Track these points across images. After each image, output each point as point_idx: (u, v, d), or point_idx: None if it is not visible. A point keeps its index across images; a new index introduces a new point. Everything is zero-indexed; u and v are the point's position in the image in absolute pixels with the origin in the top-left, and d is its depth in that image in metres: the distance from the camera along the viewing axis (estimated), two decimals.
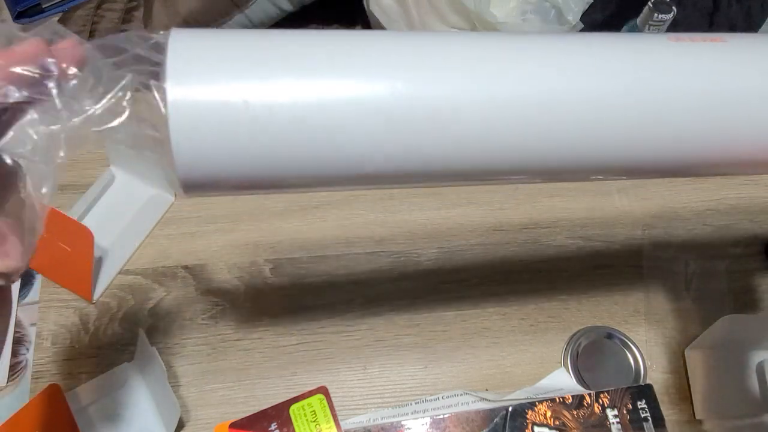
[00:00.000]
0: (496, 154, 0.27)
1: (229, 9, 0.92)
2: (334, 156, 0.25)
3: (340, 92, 0.25)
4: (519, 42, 0.28)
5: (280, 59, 0.25)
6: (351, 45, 0.26)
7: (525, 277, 0.56)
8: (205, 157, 0.24)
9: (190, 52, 0.24)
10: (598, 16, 0.89)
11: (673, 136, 0.28)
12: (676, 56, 0.29)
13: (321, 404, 0.39)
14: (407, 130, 0.25)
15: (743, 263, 0.58)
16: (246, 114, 0.24)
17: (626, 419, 0.45)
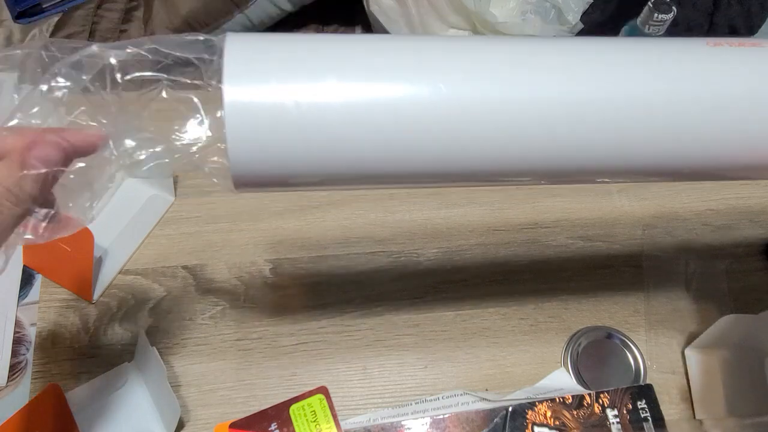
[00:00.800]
0: (538, 153, 0.28)
1: (230, 8, 0.92)
2: (374, 155, 0.27)
3: (383, 94, 0.26)
4: (558, 46, 0.29)
5: (327, 62, 0.26)
6: (393, 49, 0.28)
7: (525, 277, 0.56)
8: (258, 156, 0.26)
9: (245, 55, 0.26)
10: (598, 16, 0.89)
11: (711, 139, 0.29)
12: (717, 60, 0.29)
13: (321, 404, 0.39)
14: (448, 131, 0.27)
15: (743, 263, 0.58)
16: (297, 114, 0.25)
17: (626, 419, 0.45)
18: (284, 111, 0.25)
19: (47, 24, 1.03)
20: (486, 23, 0.86)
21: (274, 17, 0.96)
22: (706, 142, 0.29)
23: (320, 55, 0.27)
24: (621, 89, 0.28)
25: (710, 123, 0.29)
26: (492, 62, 0.28)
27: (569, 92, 0.28)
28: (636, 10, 0.60)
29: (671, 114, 0.28)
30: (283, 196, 0.59)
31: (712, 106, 0.29)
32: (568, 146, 0.28)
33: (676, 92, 0.28)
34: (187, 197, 0.58)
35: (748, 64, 0.29)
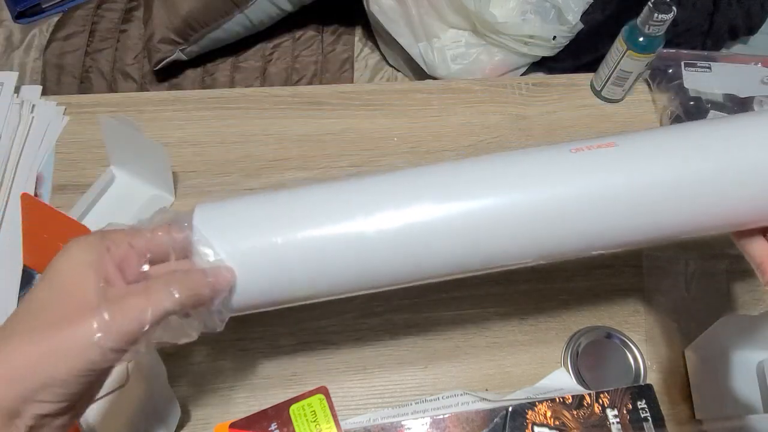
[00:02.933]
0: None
1: (230, 8, 0.91)
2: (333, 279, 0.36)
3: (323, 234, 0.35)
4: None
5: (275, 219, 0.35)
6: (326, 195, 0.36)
7: (525, 277, 0.56)
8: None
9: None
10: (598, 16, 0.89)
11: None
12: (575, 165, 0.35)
13: (321, 404, 0.39)
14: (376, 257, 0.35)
15: (743, 263, 0.57)
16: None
17: (626, 419, 0.45)
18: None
19: (47, 24, 1.03)
20: (486, 23, 0.86)
21: (274, 17, 0.96)
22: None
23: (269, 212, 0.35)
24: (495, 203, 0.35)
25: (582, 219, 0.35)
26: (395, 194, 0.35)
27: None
28: (636, 10, 0.59)
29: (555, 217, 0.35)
30: None
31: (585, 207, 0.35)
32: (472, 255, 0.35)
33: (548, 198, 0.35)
34: (187, 197, 0.58)
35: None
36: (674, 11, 0.57)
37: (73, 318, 0.28)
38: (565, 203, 0.34)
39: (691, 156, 0.35)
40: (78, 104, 0.63)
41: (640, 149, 0.36)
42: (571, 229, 0.35)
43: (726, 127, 0.37)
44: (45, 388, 0.28)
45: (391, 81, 1.01)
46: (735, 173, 0.35)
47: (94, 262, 0.30)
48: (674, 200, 0.35)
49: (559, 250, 0.36)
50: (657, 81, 0.68)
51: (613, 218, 0.35)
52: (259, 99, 0.65)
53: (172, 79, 0.99)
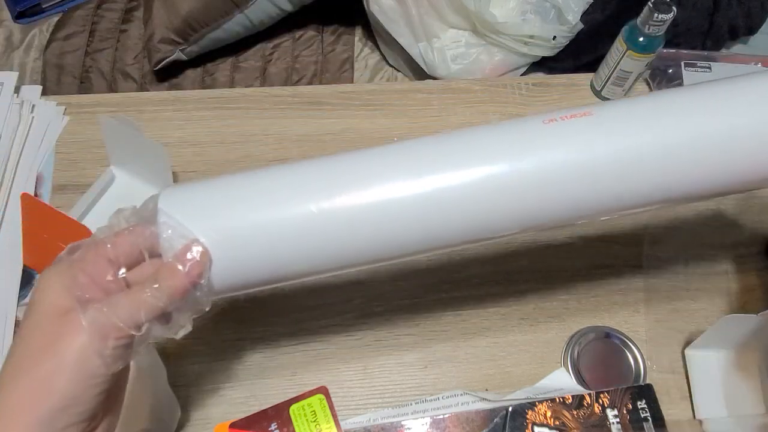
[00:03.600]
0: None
1: (230, 8, 0.92)
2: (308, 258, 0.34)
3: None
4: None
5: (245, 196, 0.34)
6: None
7: (525, 277, 0.56)
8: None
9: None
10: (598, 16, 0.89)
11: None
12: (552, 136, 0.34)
13: (321, 404, 0.39)
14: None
15: (743, 263, 0.58)
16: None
17: (626, 419, 0.45)
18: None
19: (47, 24, 1.03)
20: (486, 23, 0.86)
21: (274, 17, 0.96)
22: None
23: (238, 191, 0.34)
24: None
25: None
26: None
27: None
28: (636, 10, 0.59)
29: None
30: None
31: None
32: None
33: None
34: None
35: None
36: (674, 11, 0.57)
37: (61, 336, 0.29)
38: (544, 173, 0.34)
39: (669, 118, 0.34)
40: (78, 104, 0.63)
41: (616, 115, 0.35)
42: (550, 201, 0.34)
43: (706, 89, 0.36)
44: (62, 410, 0.28)
45: (391, 81, 1.01)
46: (715, 133, 0.34)
47: (67, 284, 0.30)
48: (655, 164, 0.34)
49: (536, 222, 0.36)
50: (657, 81, 0.68)
51: (594, 187, 0.34)
52: (259, 99, 0.65)
53: (172, 79, 0.99)
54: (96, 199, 0.57)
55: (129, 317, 0.29)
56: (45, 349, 0.29)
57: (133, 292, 0.30)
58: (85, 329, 0.29)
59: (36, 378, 0.28)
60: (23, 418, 0.28)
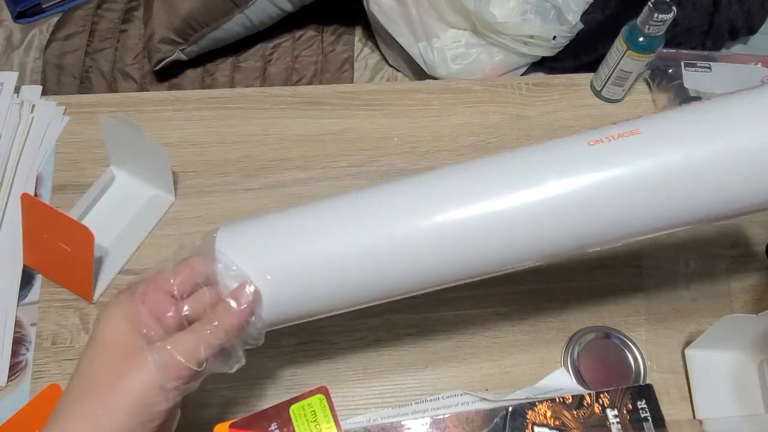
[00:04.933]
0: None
1: (230, 9, 0.91)
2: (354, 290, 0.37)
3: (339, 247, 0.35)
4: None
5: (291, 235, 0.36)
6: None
7: (525, 277, 0.56)
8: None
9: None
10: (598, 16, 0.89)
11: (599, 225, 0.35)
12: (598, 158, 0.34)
13: (321, 404, 0.39)
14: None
15: (743, 263, 0.58)
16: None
17: (626, 419, 0.45)
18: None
19: (47, 24, 1.03)
20: (486, 23, 0.86)
21: (274, 17, 0.96)
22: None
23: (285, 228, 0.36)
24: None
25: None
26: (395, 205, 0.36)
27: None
28: (636, 10, 0.59)
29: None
30: (283, 196, 0.59)
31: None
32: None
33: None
34: (187, 197, 0.58)
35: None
36: (674, 11, 0.57)
37: (127, 372, 0.30)
38: (587, 196, 0.34)
39: (723, 133, 0.33)
40: (78, 104, 0.63)
41: (666, 134, 0.34)
42: (591, 224, 0.34)
43: (746, 100, 0.35)
44: None
45: (391, 81, 1.01)
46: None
47: (130, 316, 0.32)
48: (704, 184, 0.33)
49: (576, 245, 0.36)
50: (657, 81, 0.68)
51: (641, 208, 0.34)
52: (259, 99, 0.65)
53: (172, 79, 0.99)
54: (96, 199, 0.57)
55: (191, 354, 0.31)
56: (109, 382, 0.30)
57: (194, 330, 0.32)
58: (151, 367, 0.30)
59: (97, 409, 0.29)
60: None
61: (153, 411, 0.30)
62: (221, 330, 0.32)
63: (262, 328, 0.35)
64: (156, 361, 0.30)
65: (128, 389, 0.30)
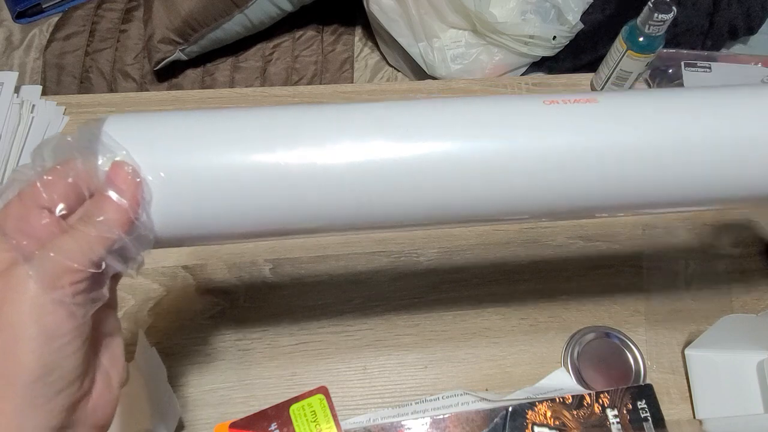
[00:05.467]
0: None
1: (229, 9, 0.92)
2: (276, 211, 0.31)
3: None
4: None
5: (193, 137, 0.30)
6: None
7: (525, 277, 0.56)
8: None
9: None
10: (598, 16, 0.89)
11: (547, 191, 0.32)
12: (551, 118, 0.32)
13: (321, 404, 0.39)
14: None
15: (743, 263, 0.58)
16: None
17: (626, 419, 0.45)
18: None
19: (47, 24, 1.03)
20: (486, 23, 0.86)
21: (274, 17, 0.96)
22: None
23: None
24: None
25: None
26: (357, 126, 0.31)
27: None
28: (636, 10, 0.60)
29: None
30: None
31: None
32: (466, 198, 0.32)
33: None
34: None
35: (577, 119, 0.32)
36: (674, 11, 0.57)
37: (6, 296, 0.25)
38: (537, 155, 0.31)
39: (679, 115, 0.33)
40: (78, 104, 0.63)
41: (621, 107, 0.33)
42: (537, 186, 0.32)
43: (718, 95, 0.34)
44: (37, 382, 0.25)
45: (391, 81, 1.02)
46: (723, 141, 0.32)
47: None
48: (654, 165, 0.32)
49: (519, 209, 0.33)
50: (657, 81, 0.68)
51: (585, 179, 0.32)
52: (259, 99, 0.65)
53: (172, 79, 0.99)
54: None
55: (79, 253, 0.25)
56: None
57: (75, 228, 0.26)
58: (33, 279, 0.24)
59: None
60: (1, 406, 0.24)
61: (59, 331, 0.25)
62: (106, 225, 0.26)
63: (151, 231, 0.29)
64: (37, 271, 0.24)
65: (17, 316, 0.24)
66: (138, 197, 0.27)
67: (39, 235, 0.26)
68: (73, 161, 0.27)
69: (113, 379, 0.30)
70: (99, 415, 0.28)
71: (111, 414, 0.29)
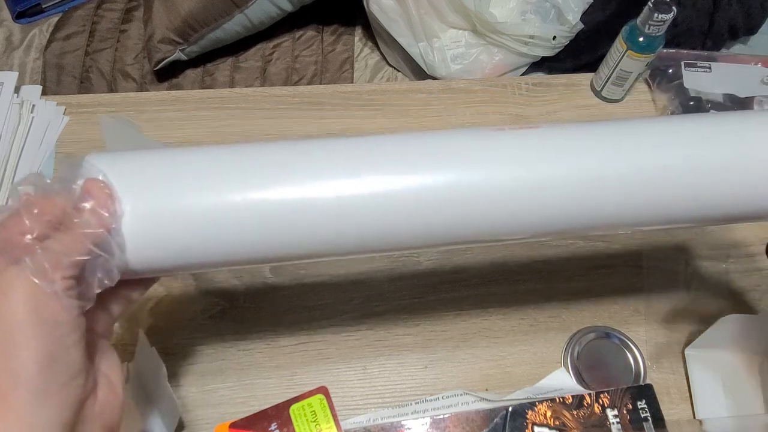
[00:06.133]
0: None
1: (229, 9, 0.92)
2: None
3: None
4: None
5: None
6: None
7: (525, 277, 0.56)
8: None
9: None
10: (598, 16, 0.89)
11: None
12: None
13: (321, 404, 0.39)
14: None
15: (743, 263, 0.58)
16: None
17: (626, 419, 0.45)
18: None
19: (47, 24, 1.03)
20: (486, 23, 0.86)
21: (274, 17, 0.96)
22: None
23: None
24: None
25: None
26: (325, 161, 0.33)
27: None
28: (636, 10, 0.60)
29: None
30: None
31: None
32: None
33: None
34: None
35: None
36: (674, 11, 0.57)
37: (1, 291, 0.25)
38: (464, 186, 0.33)
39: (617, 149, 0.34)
40: (78, 104, 0.63)
41: (560, 136, 0.34)
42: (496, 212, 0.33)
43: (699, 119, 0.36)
44: (42, 372, 0.25)
45: (391, 81, 1.02)
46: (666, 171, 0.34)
47: None
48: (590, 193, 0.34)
49: (462, 235, 0.34)
50: (657, 81, 0.68)
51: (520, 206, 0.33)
52: (259, 99, 0.65)
53: (172, 79, 0.99)
54: None
55: (69, 250, 0.26)
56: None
57: (61, 232, 0.27)
58: (25, 273, 0.25)
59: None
60: (9, 400, 0.24)
61: (56, 322, 0.25)
62: (86, 224, 0.27)
63: (123, 248, 0.30)
64: (29, 267, 0.25)
65: (13, 308, 0.24)
66: (111, 204, 0.29)
67: (25, 247, 0.27)
68: (52, 188, 0.28)
69: (114, 381, 0.30)
70: (107, 416, 0.29)
71: (119, 415, 0.30)
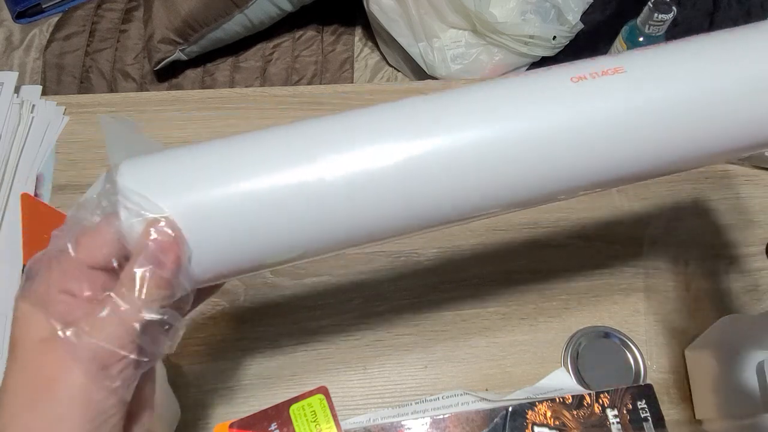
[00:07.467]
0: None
1: (229, 9, 0.92)
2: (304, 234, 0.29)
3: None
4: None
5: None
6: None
7: (525, 277, 0.56)
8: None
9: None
10: (598, 16, 0.90)
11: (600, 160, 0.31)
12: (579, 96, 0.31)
13: (321, 404, 0.39)
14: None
15: (743, 263, 0.58)
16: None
17: (626, 419, 0.45)
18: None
19: (47, 24, 1.03)
20: (486, 23, 0.86)
21: (274, 17, 0.96)
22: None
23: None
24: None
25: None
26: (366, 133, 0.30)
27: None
28: (636, 10, 0.60)
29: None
30: None
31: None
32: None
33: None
34: None
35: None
36: (674, 11, 0.57)
37: (53, 378, 0.24)
38: (569, 134, 0.30)
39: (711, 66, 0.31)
40: (78, 104, 0.63)
41: (651, 73, 0.31)
42: (578, 163, 0.30)
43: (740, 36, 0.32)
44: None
45: (391, 81, 1.02)
46: (751, 86, 0.30)
47: (42, 300, 0.25)
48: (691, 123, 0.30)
49: (564, 186, 0.31)
50: None
51: (623, 148, 0.30)
52: (259, 99, 0.65)
53: (172, 79, 0.99)
54: None
55: (116, 338, 0.25)
56: (38, 395, 0.25)
57: (109, 304, 0.25)
58: (77, 362, 0.24)
59: (36, 423, 0.24)
60: None
61: (102, 411, 0.25)
62: (141, 300, 0.25)
63: (190, 284, 0.27)
64: (82, 353, 0.24)
65: (64, 400, 0.24)
66: (178, 259, 0.26)
67: (85, 308, 0.26)
68: (103, 224, 0.27)
69: (151, 405, 0.30)
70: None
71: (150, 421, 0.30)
